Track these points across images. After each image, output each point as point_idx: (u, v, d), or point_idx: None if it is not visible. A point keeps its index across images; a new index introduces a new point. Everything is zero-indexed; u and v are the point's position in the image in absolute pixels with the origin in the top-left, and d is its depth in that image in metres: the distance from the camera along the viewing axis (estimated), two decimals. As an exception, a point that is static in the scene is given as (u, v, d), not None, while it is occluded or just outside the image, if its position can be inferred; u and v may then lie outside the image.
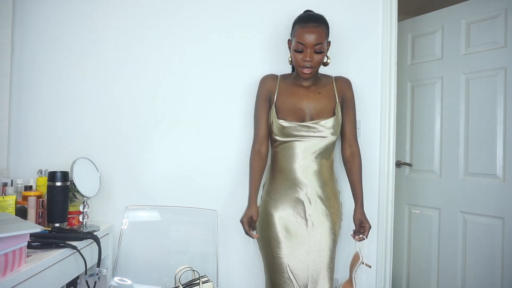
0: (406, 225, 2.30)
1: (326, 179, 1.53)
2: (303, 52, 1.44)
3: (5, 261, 1.05)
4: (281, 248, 1.47)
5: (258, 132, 1.57)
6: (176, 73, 1.87)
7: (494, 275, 1.88)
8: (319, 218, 1.49)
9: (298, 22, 1.49)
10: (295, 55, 1.46)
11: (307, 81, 1.55)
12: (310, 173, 1.50)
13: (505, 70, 1.87)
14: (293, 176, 1.50)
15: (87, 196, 1.63)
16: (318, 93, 1.54)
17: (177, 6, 1.86)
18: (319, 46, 1.43)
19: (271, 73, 1.63)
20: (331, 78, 1.61)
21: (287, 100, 1.53)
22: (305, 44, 1.42)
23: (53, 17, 1.89)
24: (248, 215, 1.48)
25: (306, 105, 1.52)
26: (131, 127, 1.87)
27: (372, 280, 1.83)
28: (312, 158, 1.50)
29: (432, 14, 2.19)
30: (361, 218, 1.52)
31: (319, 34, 1.43)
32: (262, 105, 1.57)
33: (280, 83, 1.57)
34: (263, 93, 1.57)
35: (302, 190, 1.49)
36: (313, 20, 1.45)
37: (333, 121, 1.51)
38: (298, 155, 1.50)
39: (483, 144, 1.94)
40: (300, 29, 1.45)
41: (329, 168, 1.56)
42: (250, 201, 1.51)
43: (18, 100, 1.89)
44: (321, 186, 1.50)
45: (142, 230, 1.80)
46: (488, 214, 1.92)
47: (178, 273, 1.56)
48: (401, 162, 2.28)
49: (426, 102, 2.20)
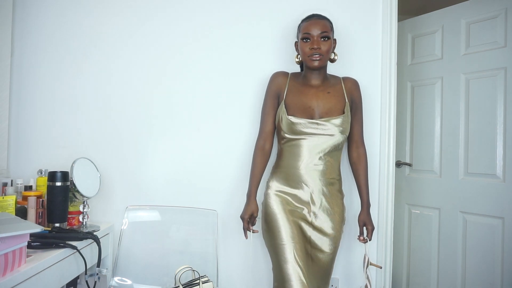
0: (406, 225, 2.30)
1: (331, 180, 1.52)
2: (310, 41, 1.47)
3: (5, 261, 1.05)
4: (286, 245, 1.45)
5: (264, 128, 1.58)
6: (176, 73, 1.87)
7: (494, 275, 1.88)
8: (322, 217, 1.49)
9: (303, 20, 1.55)
10: (303, 46, 1.49)
11: (316, 80, 1.55)
12: (315, 172, 1.49)
13: (505, 70, 1.87)
14: (298, 173, 1.50)
15: (87, 196, 1.63)
16: (328, 92, 1.54)
17: (178, 2, 1.86)
18: (325, 34, 1.47)
19: (281, 70, 1.64)
20: (340, 78, 1.62)
21: (296, 98, 1.53)
22: (311, 33, 1.47)
23: (53, 17, 1.89)
24: (249, 212, 1.49)
25: (316, 104, 1.52)
26: (132, 127, 1.87)
27: (372, 280, 1.82)
28: (318, 157, 1.49)
29: (432, 14, 2.19)
30: (365, 220, 1.55)
31: (323, 24, 1.48)
32: (271, 101, 1.58)
33: (290, 81, 1.58)
34: (272, 90, 1.58)
35: (306, 189, 1.49)
36: (316, 15, 1.53)
37: (342, 119, 1.50)
38: (304, 153, 1.49)
39: (483, 144, 1.94)
40: (305, 23, 1.51)
41: (336, 169, 1.55)
42: (251, 197, 1.51)
43: (18, 100, 1.89)
44: (325, 186, 1.50)
45: (142, 230, 1.80)
46: (488, 214, 1.92)
47: (178, 273, 1.56)
48: (401, 162, 2.28)
49: (426, 102, 2.20)
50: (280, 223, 1.47)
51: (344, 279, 1.83)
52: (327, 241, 1.49)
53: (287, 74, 1.61)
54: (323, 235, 1.49)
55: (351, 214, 1.74)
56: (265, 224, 1.52)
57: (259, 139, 1.58)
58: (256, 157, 1.57)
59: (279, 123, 1.53)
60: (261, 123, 1.60)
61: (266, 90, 1.61)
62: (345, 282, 1.83)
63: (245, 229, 1.51)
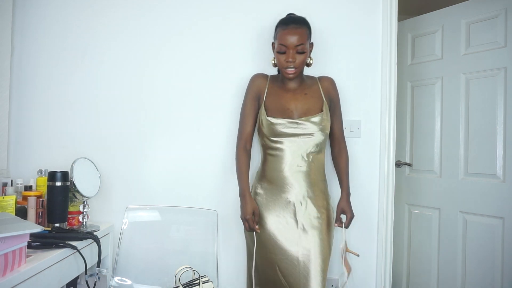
0: (406, 225, 2.30)
1: (315, 180, 1.53)
2: (286, 53, 1.47)
3: (5, 261, 1.05)
4: (273, 250, 1.47)
5: (245, 129, 1.58)
6: (176, 73, 1.87)
7: (494, 275, 1.88)
8: (310, 220, 1.48)
9: (280, 25, 1.52)
10: (278, 57, 1.50)
11: (293, 83, 1.57)
12: (299, 174, 1.50)
13: (505, 70, 1.87)
14: (282, 176, 1.50)
15: (87, 196, 1.62)
16: (305, 94, 1.56)
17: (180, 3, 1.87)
18: (301, 47, 1.46)
19: (261, 72, 1.65)
20: (316, 78, 1.63)
21: (275, 100, 1.55)
22: (287, 45, 1.46)
23: (53, 17, 1.89)
24: (249, 211, 1.47)
25: (294, 106, 1.54)
26: (131, 127, 1.87)
27: (372, 280, 1.83)
28: (301, 158, 1.50)
29: (432, 14, 2.19)
30: (344, 207, 1.55)
31: (300, 35, 1.45)
32: (251, 103, 1.58)
33: (270, 83, 1.60)
34: (253, 91, 1.59)
35: (292, 192, 1.49)
36: (294, 22, 1.48)
37: (321, 117, 1.52)
38: (287, 156, 1.50)
39: (483, 144, 1.94)
40: (281, 31, 1.48)
41: (320, 170, 1.55)
42: (246, 195, 1.50)
43: (18, 100, 1.89)
44: (310, 187, 1.50)
45: (142, 230, 1.80)
46: (488, 214, 1.92)
47: (178, 273, 1.56)
48: (401, 162, 2.28)
49: (426, 102, 2.20)
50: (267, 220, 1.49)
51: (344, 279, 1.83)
52: (316, 243, 1.46)
53: (266, 77, 1.62)
54: (311, 236, 1.47)
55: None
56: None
57: (240, 140, 1.58)
58: (241, 157, 1.56)
59: (260, 126, 1.55)
60: (241, 125, 1.59)
61: (246, 92, 1.61)
62: (345, 282, 1.83)
63: (250, 229, 1.48)
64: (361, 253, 1.81)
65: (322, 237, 1.48)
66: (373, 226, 1.83)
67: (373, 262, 1.83)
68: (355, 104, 1.83)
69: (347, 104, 1.80)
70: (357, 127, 1.82)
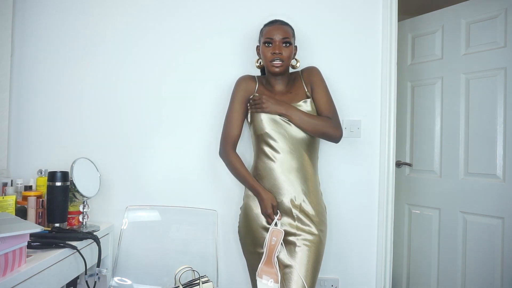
0: (406, 225, 2.30)
1: (308, 175, 1.50)
2: (272, 46, 1.49)
3: (5, 261, 1.05)
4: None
5: (231, 132, 1.55)
6: (176, 73, 1.87)
7: (494, 275, 1.88)
8: (303, 223, 1.46)
9: (265, 25, 1.57)
10: (265, 50, 1.51)
11: (279, 85, 1.57)
12: (291, 170, 1.47)
13: (505, 70, 1.87)
14: (275, 176, 1.48)
15: (87, 196, 1.62)
16: (290, 93, 1.57)
17: (182, 5, 1.87)
18: (287, 39, 1.49)
19: (248, 74, 1.64)
20: (298, 72, 1.63)
21: None
22: (273, 38, 1.49)
23: (53, 17, 1.89)
24: (268, 204, 1.45)
25: None
26: (131, 127, 1.87)
27: (372, 280, 1.83)
28: (293, 154, 1.48)
29: (432, 14, 2.19)
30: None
31: (286, 30, 1.51)
32: (239, 105, 1.57)
33: (259, 86, 1.59)
34: (240, 94, 1.58)
35: (285, 192, 1.47)
36: (279, 21, 1.55)
37: (303, 103, 1.51)
38: (279, 154, 1.48)
39: (483, 144, 1.94)
40: (267, 28, 1.53)
41: (312, 165, 1.53)
42: (260, 190, 1.47)
43: (18, 100, 1.89)
44: (303, 183, 1.48)
45: (142, 230, 1.80)
46: (488, 214, 1.92)
47: (178, 273, 1.56)
48: (401, 162, 2.28)
49: (426, 102, 2.20)
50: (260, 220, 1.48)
51: (344, 279, 1.83)
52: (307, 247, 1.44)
53: (255, 79, 1.61)
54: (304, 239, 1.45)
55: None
56: (244, 228, 1.53)
57: (226, 144, 1.54)
58: (232, 157, 1.53)
59: (253, 126, 1.53)
60: (227, 127, 1.56)
61: (233, 94, 1.59)
62: (345, 282, 1.83)
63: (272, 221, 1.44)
64: (361, 253, 1.82)
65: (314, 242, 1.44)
66: (373, 226, 1.83)
67: (373, 262, 1.83)
68: (355, 104, 1.83)
69: (347, 104, 1.80)
70: (357, 127, 1.82)
